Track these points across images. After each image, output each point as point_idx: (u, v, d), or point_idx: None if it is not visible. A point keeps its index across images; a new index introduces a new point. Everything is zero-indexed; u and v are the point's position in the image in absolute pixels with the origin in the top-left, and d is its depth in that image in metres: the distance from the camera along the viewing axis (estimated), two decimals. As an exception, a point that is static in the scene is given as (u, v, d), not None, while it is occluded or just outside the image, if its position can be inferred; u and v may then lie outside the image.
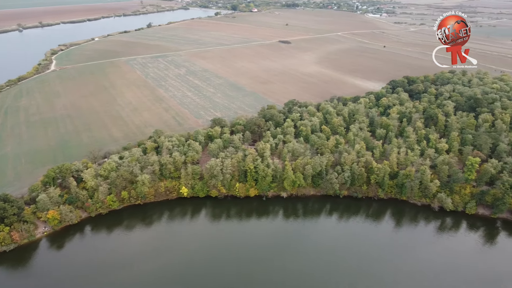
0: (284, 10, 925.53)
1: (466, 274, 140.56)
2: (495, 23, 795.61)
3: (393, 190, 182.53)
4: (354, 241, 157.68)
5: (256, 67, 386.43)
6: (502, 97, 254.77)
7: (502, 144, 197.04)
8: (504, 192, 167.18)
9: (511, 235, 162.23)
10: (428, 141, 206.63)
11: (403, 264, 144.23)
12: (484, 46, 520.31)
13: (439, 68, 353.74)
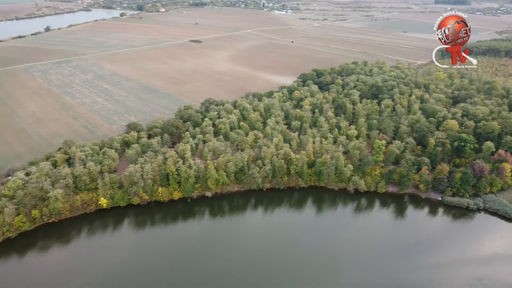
0: (192, 9, 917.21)
1: (384, 246, 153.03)
2: (388, 16, 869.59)
3: (312, 178, 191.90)
4: (281, 230, 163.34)
5: (169, 68, 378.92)
6: (399, 83, 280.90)
7: (403, 126, 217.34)
8: (408, 169, 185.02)
9: (417, 208, 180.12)
10: (339, 129, 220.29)
11: (328, 245, 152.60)
12: (380, 38, 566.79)
13: (343, 60, 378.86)
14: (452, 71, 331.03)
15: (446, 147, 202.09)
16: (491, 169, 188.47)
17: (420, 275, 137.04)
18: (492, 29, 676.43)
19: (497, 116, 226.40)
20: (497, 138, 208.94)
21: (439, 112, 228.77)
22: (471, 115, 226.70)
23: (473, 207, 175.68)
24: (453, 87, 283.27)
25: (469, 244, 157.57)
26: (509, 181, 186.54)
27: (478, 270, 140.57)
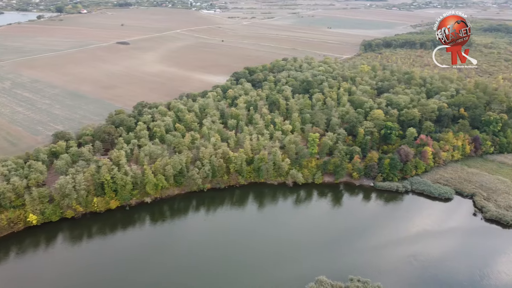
0: (117, 10, 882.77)
1: (325, 234, 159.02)
2: (313, 13, 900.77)
3: (252, 174, 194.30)
4: (224, 230, 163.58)
5: (97, 72, 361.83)
6: (328, 78, 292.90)
7: (334, 118, 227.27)
8: (341, 159, 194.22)
9: (352, 195, 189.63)
10: (274, 124, 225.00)
11: (272, 239, 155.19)
12: (307, 34, 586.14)
13: (273, 57, 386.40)
14: (375, 63, 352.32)
15: (374, 135, 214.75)
16: (415, 153, 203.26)
17: (361, 258, 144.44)
18: (407, 23, 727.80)
19: (417, 103, 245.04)
20: (418, 124, 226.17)
21: (366, 103, 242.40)
22: (394, 104, 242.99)
23: (402, 189, 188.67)
24: (377, 79, 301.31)
25: (402, 224, 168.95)
26: (431, 163, 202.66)
27: (412, 247, 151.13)
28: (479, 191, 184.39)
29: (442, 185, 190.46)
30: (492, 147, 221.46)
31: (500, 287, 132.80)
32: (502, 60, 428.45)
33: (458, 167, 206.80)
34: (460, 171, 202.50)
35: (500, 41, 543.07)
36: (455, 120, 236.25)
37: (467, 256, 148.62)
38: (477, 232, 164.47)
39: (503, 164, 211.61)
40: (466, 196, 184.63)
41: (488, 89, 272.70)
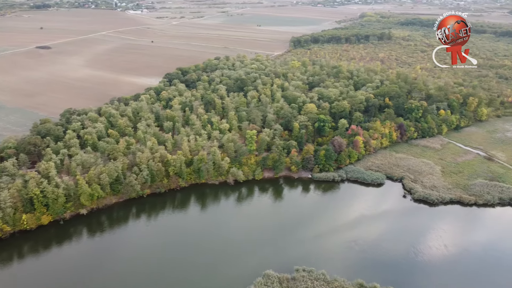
0: (35, 12, 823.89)
1: (269, 228, 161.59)
2: (242, 11, 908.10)
3: (192, 176, 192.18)
4: (167, 234, 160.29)
5: (16, 79, 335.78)
6: (261, 75, 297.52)
7: (270, 114, 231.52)
8: (279, 154, 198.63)
9: (292, 188, 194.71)
10: (211, 124, 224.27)
11: (218, 238, 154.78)
12: (238, 33, 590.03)
13: (206, 56, 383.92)
14: (305, 59, 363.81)
15: (309, 128, 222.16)
16: (348, 143, 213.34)
17: (305, 248, 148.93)
18: (332, 19, 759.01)
19: (346, 96, 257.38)
20: (349, 115, 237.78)
21: (299, 98, 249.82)
22: (325, 97, 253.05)
23: (338, 179, 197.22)
24: (308, 74, 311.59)
25: (340, 212, 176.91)
26: (363, 152, 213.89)
27: (351, 233, 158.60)
28: (407, 174, 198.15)
29: (374, 171, 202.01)
30: (416, 133, 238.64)
31: (432, 260, 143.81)
32: (418, 51, 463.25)
33: (387, 154, 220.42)
34: (389, 157, 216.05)
35: (416, 34, 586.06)
36: (381, 109, 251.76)
37: (402, 235, 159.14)
38: (408, 212, 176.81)
39: (426, 147, 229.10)
40: (396, 180, 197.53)
41: (408, 79, 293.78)
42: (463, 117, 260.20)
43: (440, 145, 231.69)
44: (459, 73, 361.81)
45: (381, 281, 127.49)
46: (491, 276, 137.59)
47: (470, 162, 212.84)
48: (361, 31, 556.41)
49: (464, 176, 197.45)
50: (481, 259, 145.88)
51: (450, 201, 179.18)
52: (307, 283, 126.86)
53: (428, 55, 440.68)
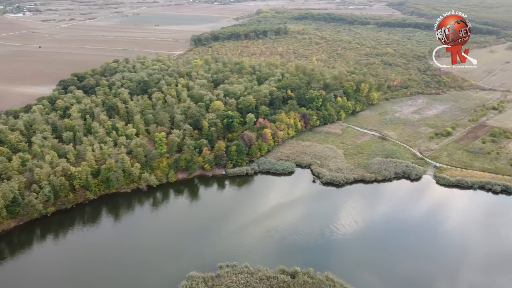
0: None
1: (190, 230, 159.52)
2: (137, 11, 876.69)
3: (101, 187, 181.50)
4: (81, 250, 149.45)
5: None
6: (164, 75, 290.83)
7: (177, 115, 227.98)
8: (191, 154, 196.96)
9: (208, 186, 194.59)
10: (117, 130, 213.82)
11: (138, 246, 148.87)
12: (135, 34, 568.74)
13: (103, 59, 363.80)
14: (207, 57, 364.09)
15: (218, 126, 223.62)
16: (257, 136, 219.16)
17: (228, 244, 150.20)
18: (230, 16, 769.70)
19: (251, 91, 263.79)
20: (255, 109, 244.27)
21: (205, 96, 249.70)
22: (231, 93, 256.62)
23: (251, 172, 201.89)
24: (211, 72, 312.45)
25: (258, 203, 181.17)
26: (272, 143, 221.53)
27: (270, 222, 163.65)
28: (314, 160, 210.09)
29: (284, 161, 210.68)
30: (318, 121, 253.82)
31: (346, 237, 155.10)
32: (313, 44, 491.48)
33: (294, 143, 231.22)
34: (297, 146, 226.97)
35: (309, 27, 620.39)
36: (285, 101, 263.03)
37: (316, 217, 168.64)
38: (319, 195, 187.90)
39: (329, 133, 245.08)
40: (305, 166, 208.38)
41: (306, 70, 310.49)
42: (358, 102, 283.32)
43: (341, 130, 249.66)
44: (351, 62, 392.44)
45: (302, 264, 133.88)
46: (395, 243, 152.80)
47: (368, 143, 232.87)
48: (259, 27, 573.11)
49: (364, 156, 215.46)
50: (385, 229, 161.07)
51: (354, 180, 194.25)
52: (231, 278, 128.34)
53: (322, 47, 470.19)
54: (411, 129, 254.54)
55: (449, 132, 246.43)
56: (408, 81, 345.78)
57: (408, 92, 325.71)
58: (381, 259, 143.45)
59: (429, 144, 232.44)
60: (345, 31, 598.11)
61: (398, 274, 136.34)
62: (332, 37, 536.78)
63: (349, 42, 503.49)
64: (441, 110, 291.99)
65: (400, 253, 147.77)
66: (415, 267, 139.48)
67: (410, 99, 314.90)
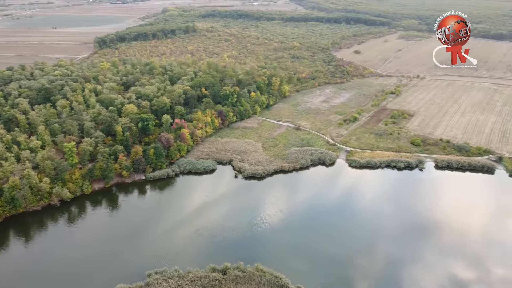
0: None
1: (113, 239, 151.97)
2: (31, 13, 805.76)
3: (6, 208, 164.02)
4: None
5: None
6: (68, 81, 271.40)
7: (87, 122, 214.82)
8: (106, 162, 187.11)
9: (127, 193, 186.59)
10: (18, 144, 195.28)
11: (57, 267, 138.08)
12: (31, 38, 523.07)
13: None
14: (114, 59, 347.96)
15: (133, 130, 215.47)
16: (175, 137, 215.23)
17: (156, 250, 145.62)
18: (135, 16, 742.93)
19: (164, 91, 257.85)
20: (171, 110, 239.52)
21: (116, 100, 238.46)
22: (144, 95, 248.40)
23: (172, 174, 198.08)
24: (120, 74, 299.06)
25: (183, 204, 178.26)
26: (191, 143, 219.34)
27: (198, 221, 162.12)
28: (234, 156, 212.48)
29: (205, 159, 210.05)
30: (235, 116, 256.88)
31: (272, 226, 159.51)
32: (223, 41, 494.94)
33: (213, 140, 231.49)
34: (216, 143, 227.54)
35: (217, 25, 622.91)
36: (200, 99, 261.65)
37: (242, 212, 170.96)
38: (243, 190, 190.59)
39: (246, 128, 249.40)
40: (226, 163, 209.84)
41: (218, 67, 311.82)
42: (271, 96, 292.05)
43: (257, 124, 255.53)
44: (261, 57, 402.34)
45: (232, 259, 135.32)
46: (318, 226, 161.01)
47: (283, 134, 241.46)
48: (167, 26, 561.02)
49: (281, 148, 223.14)
50: (307, 214, 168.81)
51: (274, 171, 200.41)
52: (161, 284, 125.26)
53: (232, 44, 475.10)
54: (322, 117, 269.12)
55: (355, 117, 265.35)
56: (315, 72, 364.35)
57: (316, 83, 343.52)
58: (306, 242, 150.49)
59: (339, 130, 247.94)
60: (252, 27, 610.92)
61: (322, 254, 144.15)
62: (241, 34, 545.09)
63: (258, 37, 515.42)
64: (347, 98, 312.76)
65: (322, 235, 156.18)
66: (338, 245, 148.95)
67: (318, 90, 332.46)
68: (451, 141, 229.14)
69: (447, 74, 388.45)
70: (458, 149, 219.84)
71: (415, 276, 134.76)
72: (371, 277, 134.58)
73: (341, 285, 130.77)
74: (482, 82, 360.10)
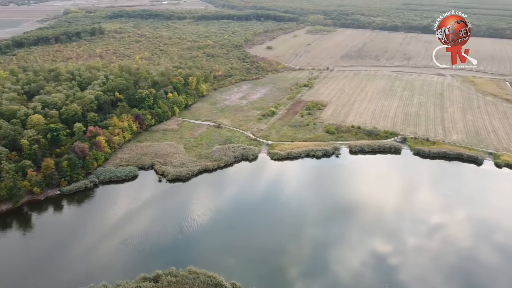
0: None
1: (28, 266, 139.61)
2: None
3: None
4: None
5: None
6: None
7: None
8: (13, 179, 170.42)
9: (41, 212, 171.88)
10: None
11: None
12: None
13: None
14: (13, 67, 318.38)
15: (42, 142, 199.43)
16: (90, 146, 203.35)
17: (81, 268, 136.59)
18: (34, 19, 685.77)
19: (74, 98, 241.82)
20: (83, 118, 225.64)
21: (18, 111, 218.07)
22: (51, 104, 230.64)
23: (90, 185, 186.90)
24: (21, 83, 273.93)
25: (106, 215, 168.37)
26: (108, 151, 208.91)
27: (124, 230, 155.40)
28: (156, 159, 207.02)
29: (125, 166, 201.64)
30: (153, 119, 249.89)
31: (203, 226, 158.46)
32: (133, 42, 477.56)
33: (132, 146, 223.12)
34: (135, 148, 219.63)
35: (126, 25, 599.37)
36: (114, 104, 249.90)
37: (170, 215, 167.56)
38: (168, 193, 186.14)
39: (166, 130, 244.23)
40: (148, 167, 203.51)
41: (131, 70, 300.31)
42: (189, 95, 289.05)
43: (177, 125, 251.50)
44: (175, 57, 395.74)
45: (164, 265, 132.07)
46: (246, 221, 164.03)
47: (205, 133, 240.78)
48: (70, 29, 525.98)
49: (204, 147, 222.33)
50: (235, 210, 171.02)
51: (199, 171, 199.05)
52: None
53: (143, 45, 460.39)
54: (241, 114, 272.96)
55: (273, 111, 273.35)
56: (231, 70, 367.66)
57: (233, 80, 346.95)
58: (236, 238, 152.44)
59: (259, 125, 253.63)
60: (164, 27, 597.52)
61: (253, 247, 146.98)
62: (152, 34, 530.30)
63: (170, 37, 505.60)
64: (263, 93, 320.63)
65: (252, 228, 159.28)
66: (267, 236, 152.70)
67: (235, 87, 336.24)
68: (361, 127, 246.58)
69: (353, 65, 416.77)
70: (368, 134, 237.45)
71: (340, 255, 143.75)
72: (301, 263, 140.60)
73: (274, 274, 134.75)
74: (384, 71, 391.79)
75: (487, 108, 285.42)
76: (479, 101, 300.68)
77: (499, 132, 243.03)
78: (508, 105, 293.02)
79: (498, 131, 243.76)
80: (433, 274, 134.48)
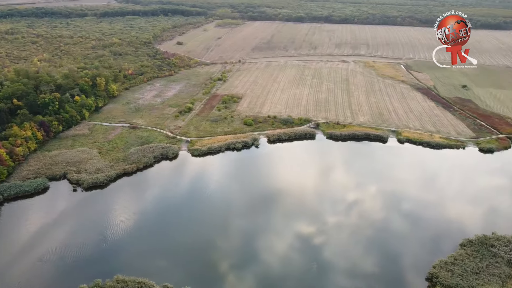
0: None
1: None
2: None
3: None
4: None
5: None
6: None
7: None
8: None
9: None
10: None
11: None
12: None
13: None
14: None
15: None
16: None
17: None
18: None
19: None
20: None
21: None
22: None
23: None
24: None
25: (16, 233, 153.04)
26: (11, 164, 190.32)
27: (41, 247, 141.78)
28: (68, 168, 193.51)
29: (33, 178, 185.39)
30: (60, 125, 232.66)
31: (128, 232, 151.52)
32: (29, 43, 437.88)
33: (40, 156, 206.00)
34: (43, 159, 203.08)
35: (18, 25, 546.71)
36: (13, 113, 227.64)
37: (91, 224, 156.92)
38: (86, 201, 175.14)
39: (76, 136, 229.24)
40: (60, 178, 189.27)
41: (30, 73, 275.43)
42: (98, 97, 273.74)
43: (89, 130, 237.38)
44: (79, 57, 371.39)
45: (88, 278, 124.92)
46: (171, 222, 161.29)
47: (120, 135, 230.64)
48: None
49: (120, 150, 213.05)
50: (159, 212, 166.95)
51: (117, 176, 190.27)
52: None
53: (41, 46, 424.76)
54: (157, 112, 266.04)
55: (190, 108, 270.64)
56: (141, 67, 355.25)
57: (145, 78, 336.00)
58: (164, 239, 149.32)
59: (176, 122, 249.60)
60: (63, 26, 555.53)
61: (182, 246, 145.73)
62: (50, 34, 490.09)
63: (71, 36, 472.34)
64: (178, 89, 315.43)
65: (179, 227, 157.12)
66: (195, 233, 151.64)
67: (148, 85, 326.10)
68: (277, 116, 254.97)
69: (264, 57, 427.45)
70: (284, 122, 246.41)
71: (268, 242, 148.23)
72: (231, 255, 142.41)
73: (206, 270, 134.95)
74: (293, 61, 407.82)
75: (387, 90, 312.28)
76: (379, 84, 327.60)
77: (399, 111, 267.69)
78: (404, 86, 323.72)
79: (398, 110, 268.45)
80: (353, 248, 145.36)
